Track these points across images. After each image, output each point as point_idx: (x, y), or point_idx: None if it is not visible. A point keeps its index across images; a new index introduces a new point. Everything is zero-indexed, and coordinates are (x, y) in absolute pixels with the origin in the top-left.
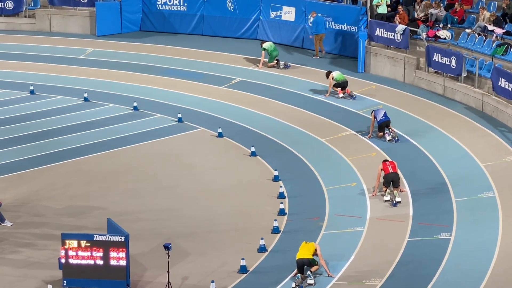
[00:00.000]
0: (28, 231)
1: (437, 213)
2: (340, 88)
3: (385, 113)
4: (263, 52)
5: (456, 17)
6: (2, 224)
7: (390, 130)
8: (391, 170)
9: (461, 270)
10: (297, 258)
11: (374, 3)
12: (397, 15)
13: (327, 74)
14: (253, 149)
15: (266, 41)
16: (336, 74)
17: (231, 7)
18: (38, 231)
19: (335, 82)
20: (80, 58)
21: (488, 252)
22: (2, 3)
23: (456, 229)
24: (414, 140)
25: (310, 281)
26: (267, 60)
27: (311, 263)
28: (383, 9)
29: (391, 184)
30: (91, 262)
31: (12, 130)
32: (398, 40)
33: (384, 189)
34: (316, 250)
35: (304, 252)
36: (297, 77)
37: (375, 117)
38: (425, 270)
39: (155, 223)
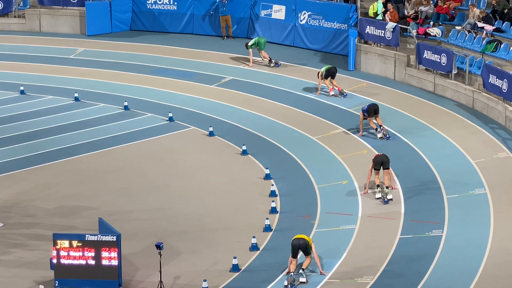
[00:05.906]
0: (20, 231)
1: (428, 210)
2: (330, 77)
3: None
4: (250, 50)
5: (447, 15)
6: None
7: (382, 127)
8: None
9: (453, 266)
10: (293, 239)
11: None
12: (388, 13)
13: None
14: (244, 147)
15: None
16: (323, 69)
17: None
18: (30, 231)
19: (323, 78)
20: (70, 58)
21: (480, 249)
22: None
23: (447, 226)
24: (405, 138)
25: (302, 279)
26: (256, 58)
27: (306, 247)
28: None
29: (381, 165)
30: (83, 262)
31: (2, 131)
32: (389, 37)
33: (376, 179)
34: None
35: (301, 235)
36: (288, 75)
37: (363, 113)
38: (418, 267)
39: (146, 222)
